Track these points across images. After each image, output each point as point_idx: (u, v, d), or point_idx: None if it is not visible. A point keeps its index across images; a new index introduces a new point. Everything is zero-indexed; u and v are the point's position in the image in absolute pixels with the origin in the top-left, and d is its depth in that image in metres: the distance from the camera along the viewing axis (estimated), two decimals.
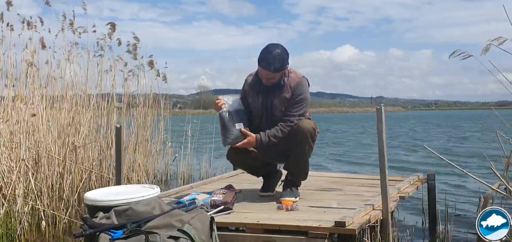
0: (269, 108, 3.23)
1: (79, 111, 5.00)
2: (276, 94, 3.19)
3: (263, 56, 3.10)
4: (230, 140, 3.14)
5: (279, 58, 3.07)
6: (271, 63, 3.07)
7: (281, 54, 3.09)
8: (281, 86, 3.18)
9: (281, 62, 3.08)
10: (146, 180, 5.62)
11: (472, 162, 9.61)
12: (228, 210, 2.92)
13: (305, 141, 3.16)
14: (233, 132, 3.14)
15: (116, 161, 3.35)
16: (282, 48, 3.13)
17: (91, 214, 2.36)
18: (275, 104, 3.21)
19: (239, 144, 3.16)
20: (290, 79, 3.19)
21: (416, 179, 4.18)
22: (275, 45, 3.14)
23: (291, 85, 3.18)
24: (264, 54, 3.10)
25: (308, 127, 3.16)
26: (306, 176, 3.40)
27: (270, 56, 3.07)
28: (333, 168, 9.02)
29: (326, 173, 5.35)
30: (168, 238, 2.10)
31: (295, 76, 3.20)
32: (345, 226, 2.53)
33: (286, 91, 3.18)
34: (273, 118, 3.23)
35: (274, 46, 3.12)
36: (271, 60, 3.06)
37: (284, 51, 3.12)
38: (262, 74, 3.16)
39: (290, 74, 3.20)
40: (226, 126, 3.13)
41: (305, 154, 3.21)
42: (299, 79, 3.21)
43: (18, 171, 4.05)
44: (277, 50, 3.09)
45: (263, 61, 3.09)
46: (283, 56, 3.10)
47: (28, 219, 3.93)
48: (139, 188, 2.83)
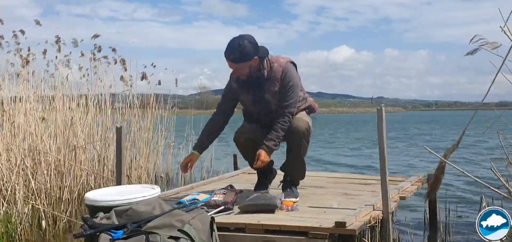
0: (262, 103, 3.22)
1: (80, 111, 5.00)
2: (266, 89, 3.16)
3: (226, 48, 3.07)
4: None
5: (239, 48, 3.01)
6: (230, 52, 3.03)
7: (242, 44, 3.01)
8: (268, 80, 3.14)
9: (241, 53, 3.01)
10: (146, 180, 5.62)
11: (472, 162, 9.62)
12: (228, 210, 2.91)
13: (300, 142, 3.18)
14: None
15: (117, 161, 3.35)
16: (247, 39, 3.05)
17: (91, 214, 2.36)
18: (268, 99, 3.19)
19: (257, 166, 3.16)
20: (274, 71, 3.13)
21: (417, 179, 4.18)
22: (240, 36, 3.07)
23: (277, 76, 3.13)
24: (227, 46, 3.07)
25: (301, 127, 3.16)
26: (304, 175, 3.40)
27: (230, 47, 3.04)
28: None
29: (326, 173, 5.35)
30: (168, 238, 2.10)
31: (278, 66, 3.14)
32: (346, 227, 2.53)
33: (274, 84, 3.14)
34: (271, 112, 3.20)
35: (237, 37, 3.06)
36: (230, 50, 3.03)
37: (248, 42, 3.04)
38: (228, 66, 3.13)
39: (273, 65, 3.13)
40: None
41: (300, 155, 3.24)
42: (283, 67, 3.14)
43: (18, 171, 4.06)
44: (239, 40, 3.03)
45: (225, 52, 3.07)
46: (244, 46, 3.01)
47: (28, 219, 3.94)
48: (140, 188, 2.84)
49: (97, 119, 5.32)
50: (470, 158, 10.54)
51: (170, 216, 2.24)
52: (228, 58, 3.07)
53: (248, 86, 3.19)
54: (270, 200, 2.93)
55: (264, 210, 2.88)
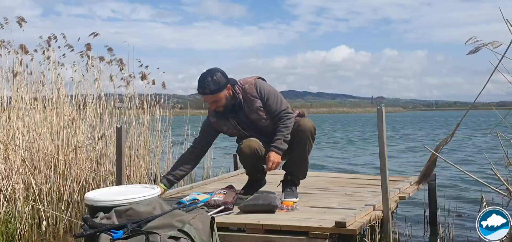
0: (248, 124, 3.26)
1: (80, 110, 5.00)
2: (248, 111, 3.21)
3: (198, 85, 3.17)
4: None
5: (212, 81, 3.10)
6: (205, 87, 3.11)
7: (214, 78, 3.12)
8: (246, 100, 3.20)
9: (215, 84, 3.10)
10: (146, 180, 5.62)
11: (473, 162, 9.62)
12: (228, 210, 2.92)
13: (307, 140, 3.21)
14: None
15: (117, 161, 3.36)
16: (217, 71, 3.16)
17: (91, 214, 2.36)
18: (254, 117, 3.23)
19: (269, 168, 3.15)
20: (248, 91, 3.21)
21: (417, 179, 4.18)
22: (208, 70, 3.18)
23: (253, 93, 3.20)
24: (198, 82, 3.17)
25: (309, 125, 3.21)
26: (306, 174, 3.41)
27: (203, 82, 3.12)
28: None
29: (326, 173, 5.36)
30: (168, 238, 2.11)
31: (250, 85, 3.22)
32: (346, 226, 2.53)
33: (255, 102, 3.20)
34: (261, 129, 3.25)
35: (206, 72, 3.16)
36: (205, 85, 3.11)
37: (219, 73, 3.15)
38: (205, 101, 3.23)
39: (244, 86, 3.22)
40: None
41: (305, 153, 3.26)
42: (254, 83, 3.23)
43: (18, 171, 4.06)
44: (209, 75, 3.13)
45: (199, 88, 3.16)
46: (215, 78, 3.12)
47: (28, 219, 3.94)
48: (140, 188, 2.84)
49: (97, 119, 5.31)
50: (470, 158, 10.55)
51: (170, 216, 2.25)
52: (203, 93, 3.15)
53: (228, 115, 3.26)
54: (270, 200, 2.94)
55: (264, 210, 2.89)
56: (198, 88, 3.16)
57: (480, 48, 2.53)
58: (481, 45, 2.52)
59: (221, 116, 3.28)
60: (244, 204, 2.94)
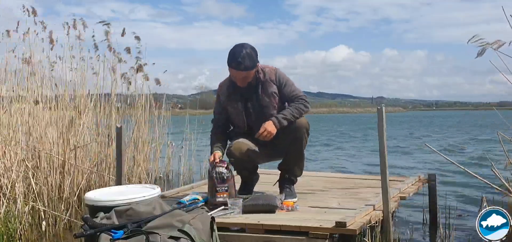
0: (256, 108, 3.23)
1: (80, 110, 5.00)
2: (262, 93, 3.20)
3: (231, 58, 3.12)
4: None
5: (248, 56, 3.09)
6: (241, 62, 3.07)
7: (249, 53, 3.10)
8: (264, 83, 3.20)
9: (250, 60, 3.09)
10: (146, 180, 5.62)
11: (473, 162, 9.61)
12: (228, 211, 2.89)
13: (303, 136, 3.22)
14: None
15: (117, 161, 3.35)
16: (250, 47, 3.14)
17: (91, 214, 2.36)
18: (266, 102, 3.21)
19: (260, 135, 3.06)
20: (269, 74, 3.23)
21: (417, 179, 4.18)
22: (242, 45, 3.15)
23: (272, 78, 3.22)
24: (232, 55, 3.11)
25: (304, 122, 3.22)
26: (302, 171, 3.41)
27: (239, 56, 3.08)
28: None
29: (326, 173, 5.35)
30: (168, 238, 2.10)
31: (270, 70, 3.25)
32: (346, 227, 2.53)
33: (271, 86, 3.21)
34: (266, 117, 3.17)
35: (240, 46, 3.13)
36: (241, 60, 3.07)
37: (252, 49, 3.13)
38: (235, 76, 3.17)
39: (265, 69, 3.24)
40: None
41: (302, 149, 3.28)
42: (274, 70, 3.26)
43: (18, 171, 4.05)
44: (244, 49, 3.10)
45: (233, 62, 3.10)
46: (251, 54, 3.11)
47: (28, 219, 3.94)
48: (140, 188, 2.84)
49: (97, 118, 5.32)
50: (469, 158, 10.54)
51: (170, 216, 2.24)
52: (238, 68, 3.09)
53: (240, 96, 3.24)
54: (270, 200, 2.94)
55: (264, 210, 2.89)
56: (232, 63, 3.10)
57: (486, 49, 2.52)
58: (487, 46, 2.51)
59: (231, 96, 3.26)
60: (244, 204, 2.94)
